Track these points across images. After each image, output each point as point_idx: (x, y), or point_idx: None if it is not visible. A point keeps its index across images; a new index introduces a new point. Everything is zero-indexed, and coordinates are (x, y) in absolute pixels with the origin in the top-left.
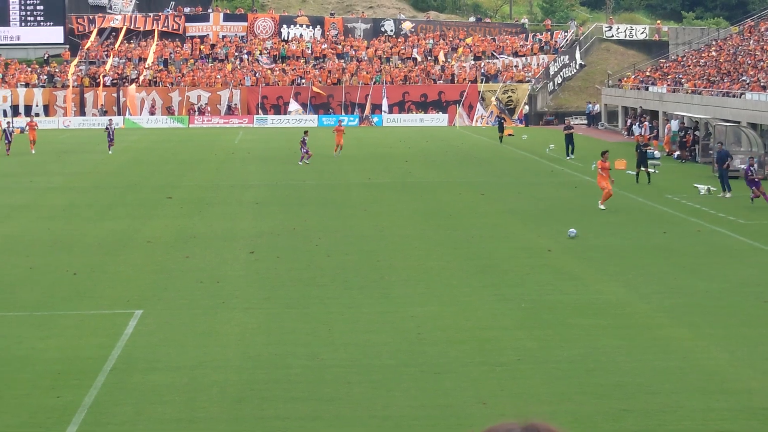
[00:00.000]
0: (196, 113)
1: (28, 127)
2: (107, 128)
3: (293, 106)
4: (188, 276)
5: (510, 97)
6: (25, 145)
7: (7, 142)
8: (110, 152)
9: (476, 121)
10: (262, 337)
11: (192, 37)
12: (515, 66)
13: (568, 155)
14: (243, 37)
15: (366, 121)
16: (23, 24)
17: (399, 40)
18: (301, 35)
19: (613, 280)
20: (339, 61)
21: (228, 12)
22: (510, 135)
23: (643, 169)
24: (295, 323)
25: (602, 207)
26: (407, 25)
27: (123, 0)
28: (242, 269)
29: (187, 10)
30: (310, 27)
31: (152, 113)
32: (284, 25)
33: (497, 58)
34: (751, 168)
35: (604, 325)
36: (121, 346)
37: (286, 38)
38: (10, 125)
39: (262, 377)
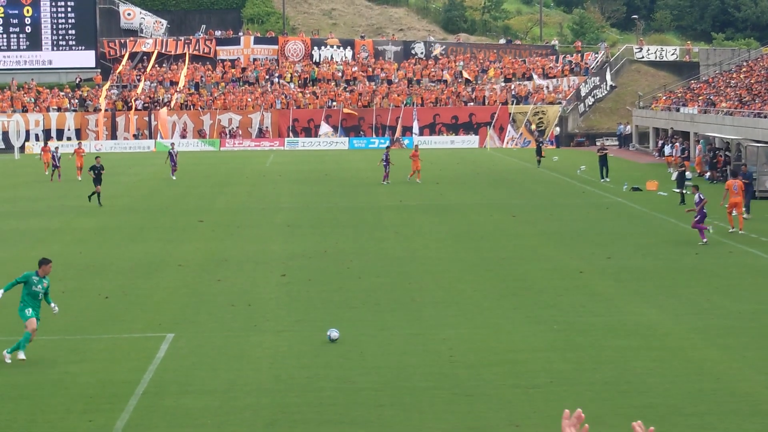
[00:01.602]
0: (228, 136)
1: (74, 154)
2: (170, 153)
3: (324, 128)
4: (220, 299)
5: (541, 118)
6: (72, 171)
7: (54, 167)
8: (173, 177)
9: (507, 142)
10: (293, 360)
11: (223, 61)
12: (546, 87)
13: (602, 178)
14: (274, 60)
15: (397, 143)
16: (55, 48)
17: (429, 62)
18: (332, 57)
19: (645, 302)
20: (370, 83)
21: (259, 35)
22: (543, 157)
23: (677, 190)
24: (326, 346)
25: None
26: (437, 49)
27: (154, 24)
28: (274, 292)
29: (218, 33)
30: (341, 48)
31: (183, 136)
32: (315, 48)
33: (529, 81)
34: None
35: (636, 347)
36: (153, 369)
37: (317, 61)
38: (58, 150)
39: (293, 400)
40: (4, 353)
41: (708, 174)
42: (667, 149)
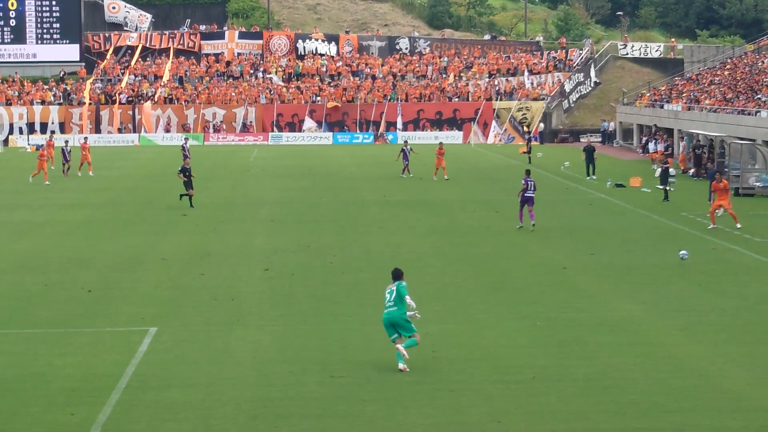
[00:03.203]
0: (212, 131)
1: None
2: (183, 147)
3: (308, 123)
4: (203, 293)
5: (525, 114)
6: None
7: (64, 162)
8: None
9: (491, 138)
10: (276, 354)
11: (207, 55)
12: (530, 84)
13: (588, 175)
14: (258, 54)
15: (381, 138)
16: (39, 42)
17: (414, 57)
18: (316, 49)
19: (629, 298)
20: (354, 78)
21: (243, 30)
22: (523, 152)
23: (660, 187)
24: (309, 340)
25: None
26: (422, 44)
27: (139, 18)
28: (257, 286)
29: (202, 27)
30: (326, 42)
31: (167, 131)
32: (300, 43)
33: (514, 77)
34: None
35: (619, 343)
36: (135, 363)
37: (301, 55)
38: (68, 144)
39: (276, 394)
40: None
41: (692, 171)
42: (651, 146)
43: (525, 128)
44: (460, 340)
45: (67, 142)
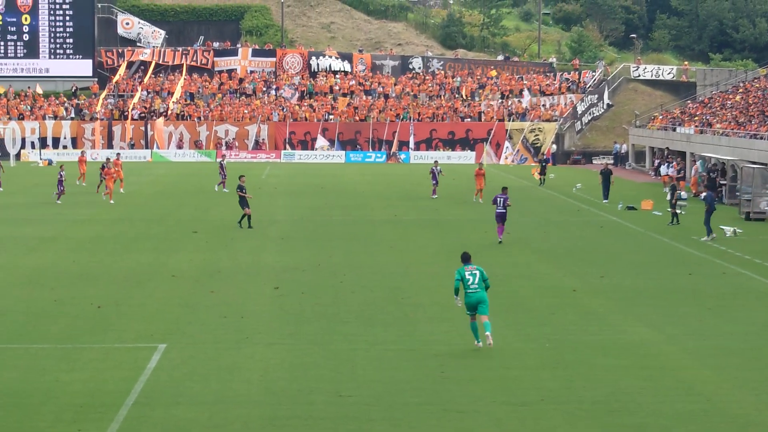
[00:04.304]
0: (224, 147)
1: (113, 165)
2: (220, 164)
3: (320, 142)
4: (213, 311)
5: (537, 135)
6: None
7: (102, 179)
8: (226, 190)
9: (503, 159)
10: (285, 372)
11: (220, 72)
12: (543, 105)
13: (605, 198)
14: (271, 72)
15: (393, 158)
16: (52, 57)
17: (427, 77)
18: (329, 66)
19: (638, 321)
20: (367, 97)
21: (257, 47)
22: (535, 174)
23: (669, 210)
24: (318, 359)
25: None
26: (437, 69)
27: (152, 34)
28: (267, 304)
29: (216, 44)
30: (339, 59)
31: (180, 147)
32: (313, 60)
33: (525, 97)
34: None
35: (627, 366)
36: (144, 380)
37: (314, 74)
38: (109, 162)
39: (284, 413)
40: None
41: (704, 194)
42: (663, 169)
43: (542, 155)
44: (469, 361)
45: (108, 159)
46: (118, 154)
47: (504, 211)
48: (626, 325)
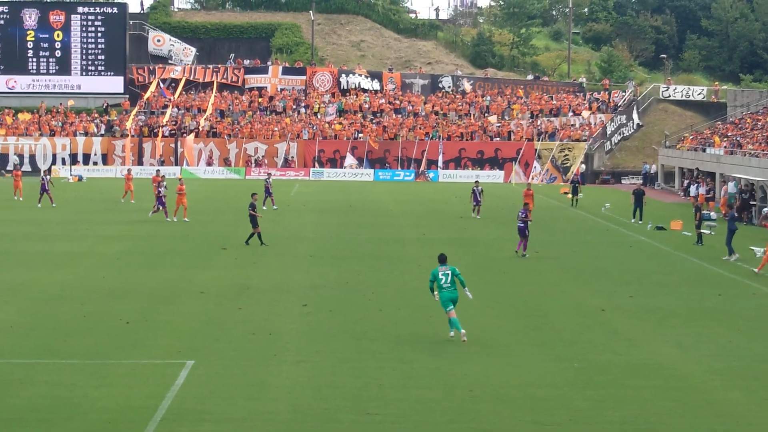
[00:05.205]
0: (253, 165)
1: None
2: (266, 182)
3: (349, 160)
4: (240, 327)
5: (566, 155)
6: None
7: (43, 190)
8: (275, 207)
9: (532, 178)
10: (312, 390)
11: (250, 89)
12: (572, 125)
13: (634, 218)
14: (301, 90)
15: (422, 176)
16: (84, 73)
17: (457, 96)
18: (359, 84)
19: (667, 341)
20: (396, 116)
21: (287, 65)
22: (564, 193)
23: (698, 230)
24: (346, 377)
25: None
26: (467, 85)
27: (183, 51)
28: (295, 322)
29: (246, 62)
30: (369, 78)
31: (209, 164)
32: (342, 77)
33: (556, 117)
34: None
35: (656, 387)
36: (171, 396)
37: (344, 91)
38: (164, 179)
39: (311, 431)
40: None
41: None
42: (692, 189)
43: (573, 175)
44: (497, 380)
45: (164, 177)
46: (181, 178)
47: (524, 225)
48: (655, 345)
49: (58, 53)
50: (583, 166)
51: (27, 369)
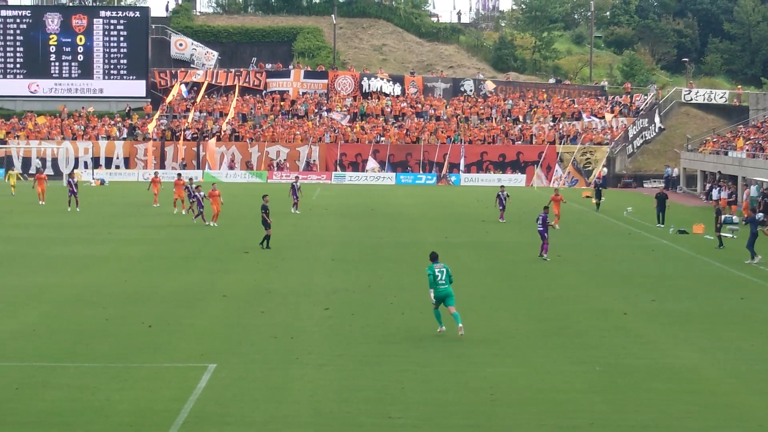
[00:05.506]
0: (275, 168)
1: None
2: (293, 186)
3: (371, 163)
4: (263, 331)
5: (588, 159)
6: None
7: (195, 203)
8: (298, 212)
9: (554, 182)
10: (334, 394)
11: (272, 93)
12: (594, 128)
13: (659, 222)
14: (323, 93)
15: (443, 180)
16: (106, 77)
17: (478, 100)
18: (380, 88)
19: (688, 345)
20: (418, 119)
21: (309, 69)
22: (587, 197)
23: (722, 234)
24: (367, 381)
25: None
26: (489, 85)
27: (205, 55)
28: (317, 325)
29: (268, 66)
30: (390, 82)
31: (231, 168)
32: (364, 81)
33: (578, 120)
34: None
35: (677, 391)
36: (193, 399)
37: (366, 94)
38: (193, 182)
39: None
40: None
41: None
42: (714, 193)
43: (596, 179)
44: (518, 384)
45: (191, 179)
46: (214, 184)
47: (543, 228)
48: (677, 349)
49: (80, 57)
50: (605, 169)
51: (49, 372)
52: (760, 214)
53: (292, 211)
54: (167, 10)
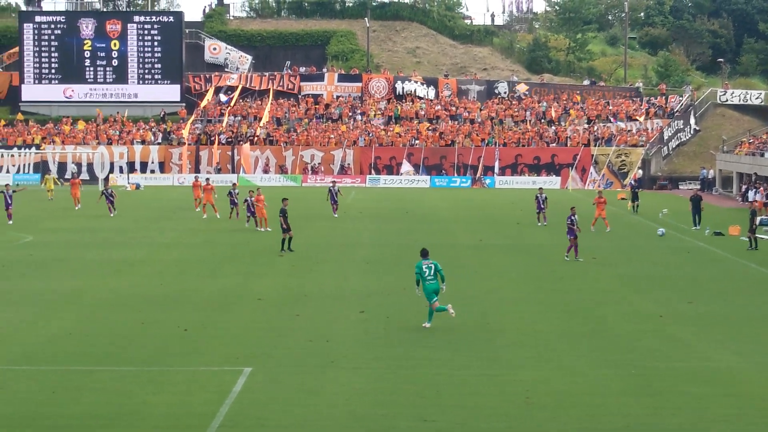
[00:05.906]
0: (310, 172)
1: (203, 190)
2: (330, 190)
3: (405, 167)
4: (298, 334)
5: (623, 161)
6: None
7: (232, 206)
8: (335, 215)
9: (588, 184)
10: (369, 397)
11: (306, 97)
12: (629, 130)
13: (695, 225)
14: (357, 97)
15: (478, 182)
16: (141, 82)
17: (513, 102)
18: (414, 91)
19: (725, 348)
20: (452, 122)
21: (343, 72)
22: (622, 199)
23: (749, 235)
24: (402, 384)
25: None
26: (522, 88)
27: (239, 59)
28: (352, 328)
29: (302, 69)
30: (424, 85)
31: (266, 171)
32: (398, 84)
33: (612, 123)
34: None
35: (714, 394)
36: (229, 403)
37: (400, 97)
38: (236, 187)
39: None
40: None
41: None
42: (750, 194)
43: (632, 181)
44: (553, 387)
45: (234, 184)
46: (259, 188)
47: (571, 228)
48: (713, 352)
49: (114, 62)
50: (640, 171)
51: (85, 376)
52: None
53: (335, 215)
54: (203, 14)
